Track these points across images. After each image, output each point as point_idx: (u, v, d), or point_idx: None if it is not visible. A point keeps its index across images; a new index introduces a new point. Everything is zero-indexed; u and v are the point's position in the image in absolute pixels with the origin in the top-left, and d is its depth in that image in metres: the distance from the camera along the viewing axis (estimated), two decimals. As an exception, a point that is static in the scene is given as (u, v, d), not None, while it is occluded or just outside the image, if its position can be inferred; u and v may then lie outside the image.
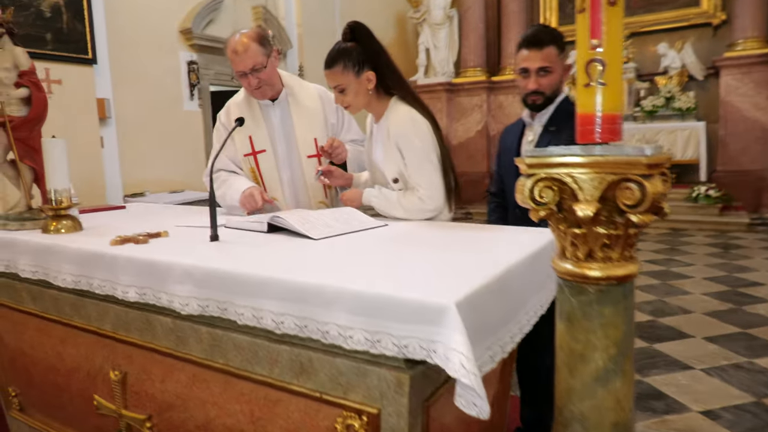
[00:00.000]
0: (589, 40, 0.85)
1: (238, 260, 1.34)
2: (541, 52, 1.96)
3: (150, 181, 6.98)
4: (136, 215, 2.31)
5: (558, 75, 1.98)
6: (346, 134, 2.45)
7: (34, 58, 2.05)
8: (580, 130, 0.89)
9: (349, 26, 1.86)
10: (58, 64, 5.80)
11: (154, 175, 7.01)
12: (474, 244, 1.53)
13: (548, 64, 1.96)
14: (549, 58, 1.96)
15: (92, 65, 6.19)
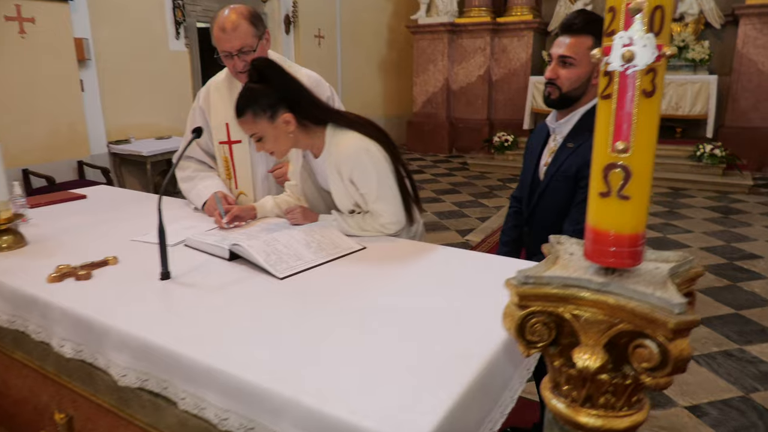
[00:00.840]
0: (611, 138, 0.65)
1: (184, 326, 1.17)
2: (571, 39, 1.67)
3: (135, 126, 6.67)
4: (95, 212, 2.12)
5: (583, 71, 1.69)
6: None
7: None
8: (590, 248, 0.70)
9: (254, 66, 1.61)
10: (30, 0, 5.37)
11: (138, 120, 6.69)
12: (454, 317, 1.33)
13: (572, 54, 1.67)
14: (576, 47, 1.67)
15: (68, 2, 5.75)
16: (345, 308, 1.26)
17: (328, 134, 1.67)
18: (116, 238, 1.41)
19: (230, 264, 1.53)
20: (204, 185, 2.05)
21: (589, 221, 0.71)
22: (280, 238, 1.58)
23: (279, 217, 1.89)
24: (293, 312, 1.25)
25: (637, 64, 0.61)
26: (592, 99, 1.74)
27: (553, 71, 1.72)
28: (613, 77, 0.64)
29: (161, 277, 1.40)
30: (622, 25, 0.62)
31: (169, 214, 2.04)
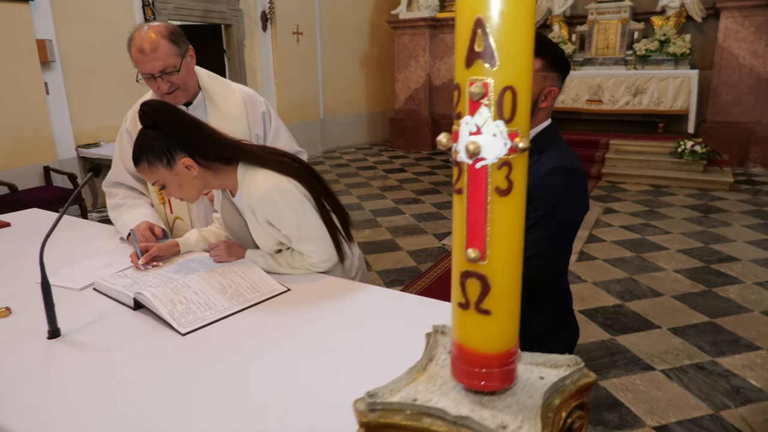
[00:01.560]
0: (464, 245, 0.53)
1: (44, 411, 1.05)
2: None
3: (105, 129, 6.47)
4: (16, 244, 1.98)
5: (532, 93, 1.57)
6: (272, 145, 2.09)
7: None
8: (455, 366, 0.58)
9: (143, 111, 1.45)
10: (-14, 1, 5.17)
11: (109, 123, 6.47)
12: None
13: None
14: None
15: (28, 1, 5.54)
16: (237, 380, 1.14)
17: (240, 174, 1.54)
18: (26, 277, 1.28)
19: (134, 315, 1.40)
20: (130, 215, 1.91)
21: (453, 334, 0.59)
22: (192, 284, 1.45)
23: (205, 251, 1.76)
24: (182, 380, 1.12)
25: (485, 157, 0.49)
26: (543, 121, 1.64)
27: None
28: (462, 170, 0.52)
29: (49, 335, 1.27)
30: (468, 107, 0.50)
31: (91, 247, 1.93)
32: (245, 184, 1.52)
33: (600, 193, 6.74)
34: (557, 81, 1.60)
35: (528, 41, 0.47)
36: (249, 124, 2.00)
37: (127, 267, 1.69)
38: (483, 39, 0.45)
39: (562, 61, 1.60)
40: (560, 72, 1.60)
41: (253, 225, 1.56)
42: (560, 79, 1.61)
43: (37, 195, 5.27)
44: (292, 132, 2.24)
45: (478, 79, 0.47)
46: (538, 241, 1.57)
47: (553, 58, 1.58)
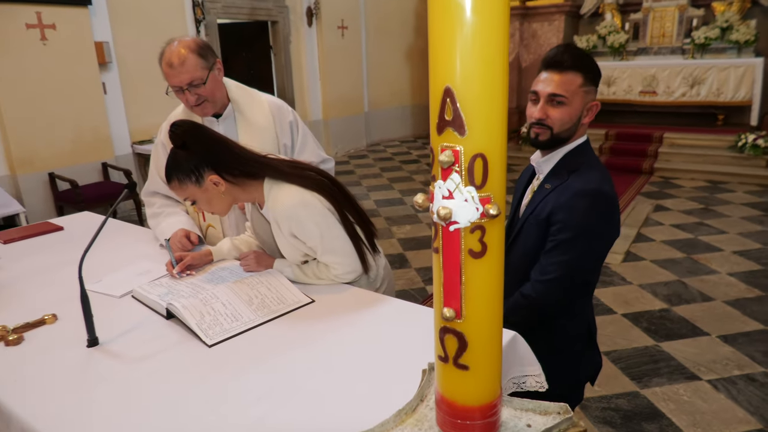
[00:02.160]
0: (441, 303, 0.54)
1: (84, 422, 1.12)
2: (560, 76, 1.51)
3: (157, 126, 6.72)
4: (66, 248, 2.12)
5: (575, 110, 1.52)
6: (299, 156, 2.14)
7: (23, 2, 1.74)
8: (440, 416, 0.59)
9: (172, 131, 1.52)
10: (49, 6, 5.44)
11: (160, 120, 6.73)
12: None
13: (564, 92, 1.51)
14: (567, 85, 1.51)
15: (87, 6, 5.82)
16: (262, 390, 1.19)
17: (266, 188, 1.59)
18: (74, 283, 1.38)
19: (167, 324, 1.48)
20: (167, 223, 2.01)
21: (437, 386, 0.60)
22: (220, 295, 1.51)
23: (237, 259, 1.83)
24: (207, 393, 1.18)
25: (458, 221, 0.50)
26: (579, 137, 1.60)
27: (543, 110, 1.54)
28: (438, 230, 0.53)
29: (88, 344, 1.36)
30: (440, 173, 0.50)
31: (134, 251, 2.04)
32: (271, 199, 1.57)
33: (651, 189, 6.47)
34: (596, 94, 1.57)
35: (500, 109, 0.47)
36: (277, 133, 2.05)
37: (164, 275, 1.77)
38: (452, 108, 0.46)
39: (598, 73, 1.56)
40: (597, 84, 1.57)
41: (279, 237, 1.61)
42: (597, 91, 1.57)
43: (95, 190, 5.57)
44: (337, 127, 2.29)
45: (448, 147, 0.48)
46: (557, 265, 1.52)
47: (591, 71, 1.53)
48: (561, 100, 1.52)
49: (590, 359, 1.73)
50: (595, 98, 1.57)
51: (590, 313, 1.73)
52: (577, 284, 1.57)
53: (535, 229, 1.61)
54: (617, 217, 1.57)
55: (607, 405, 2.81)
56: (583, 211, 1.48)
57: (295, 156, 2.12)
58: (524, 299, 1.60)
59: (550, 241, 1.56)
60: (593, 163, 1.57)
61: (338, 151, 9.14)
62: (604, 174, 1.56)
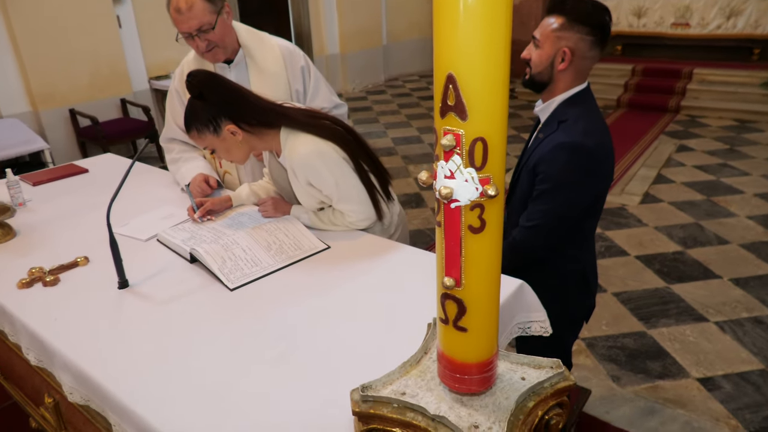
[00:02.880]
0: (443, 273, 0.58)
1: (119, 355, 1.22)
2: (546, 19, 1.54)
3: (174, 60, 6.63)
4: (92, 190, 2.19)
5: (545, 54, 1.52)
6: (312, 102, 2.13)
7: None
8: (440, 370, 0.65)
9: (189, 82, 1.52)
10: (63, -61, 5.31)
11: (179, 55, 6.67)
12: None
13: (538, 35, 1.54)
14: (543, 28, 1.53)
15: (99, -64, 5.64)
16: (280, 332, 1.27)
17: (282, 137, 1.61)
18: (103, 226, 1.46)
19: (191, 267, 1.56)
20: (187, 168, 2.06)
21: (438, 343, 0.65)
22: (240, 241, 1.58)
23: (256, 205, 1.89)
24: (229, 334, 1.27)
25: (458, 199, 0.53)
26: (571, 86, 1.58)
27: (528, 50, 1.59)
28: (441, 206, 0.56)
29: (119, 286, 1.45)
30: (442, 153, 0.53)
31: (157, 195, 2.11)
32: (287, 148, 1.60)
33: (676, 128, 6.31)
34: (581, 42, 1.51)
35: (501, 95, 0.49)
36: (289, 79, 2.05)
37: (186, 220, 1.85)
38: (454, 94, 0.48)
39: (592, 19, 1.50)
40: (590, 33, 1.50)
41: (296, 185, 1.66)
42: (591, 42, 1.51)
43: (115, 127, 5.63)
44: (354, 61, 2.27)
45: (450, 130, 0.50)
46: (540, 213, 1.58)
47: (577, 14, 1.49)
48: (537, 42, 1.55)
49: (582, 300, 1.80)
50: (576, 45, 1.51)
51: (588, 256, 1.78)
52: (561, 231, 1.61)
53: (526, 177, 1.64)
54: (603, 169, 1.59)
55: (614, 344, 2.91)
56: (562, 164, 1.50)
57: (308, 102, 2.13)
58: (514, 242, 1.66)
59: (535, 190, 1.60)
60: (585, 113, 1.56)
61: (355, 87, 8.99)
62: (594, 126, 1.55)
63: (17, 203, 2.00)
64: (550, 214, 1.56)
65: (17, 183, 2.00)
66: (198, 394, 1.08)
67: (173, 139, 2.15)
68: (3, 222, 1.77)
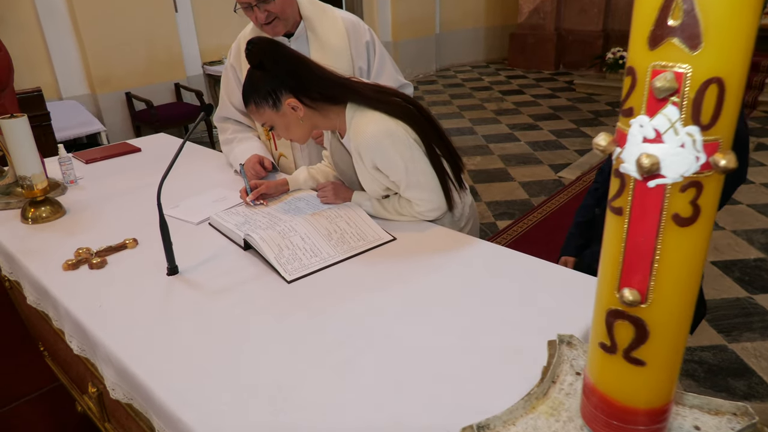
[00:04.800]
0: (618, 277, 0.40)
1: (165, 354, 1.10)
2: None
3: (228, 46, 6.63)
4: (144, 170, 2.10)
5: None
6: (376, 80, 1.97)
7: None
8: (588, 409, 0.48)
9: (249, 50, 1.38)
10: None
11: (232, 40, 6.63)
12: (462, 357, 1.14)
13: None
14: None
15: None
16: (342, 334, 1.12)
17: (348, 114, 1.45)
18: (150, 207, 1.35)
19: (244, 255, 1.42)
20: (241, 149, 1.94)
21: (589, 374, 0.48)
22: (298, 228, 1.43)
23: (314, 190, 1.74)
24: (286, 332, 1.13)
25: (665, 175, 0.35)
26: None
27: None
28: (627, 184, 0.38)
29: (168, 272, 1.33)
30: (645, 104, 0.35)
31: (210, 177, 2.00)
32: (353, 126, 1.44)
33: (753, 125, 5.84)
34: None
35: (753, 12, 0.31)
36: (352, 55, 1.89)
37: (239, 203, 1.72)
38: (683, 7, 0.30)
39: None
40: None
41: (360, 169, 1.50)
42: None
43: (169, 111, 5.65)
44: (406, 49, 2.10)
45: (667, 67, 0.32)
46: None
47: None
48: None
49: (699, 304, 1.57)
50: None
51: None
52: None
53: None
54: (744, 160, 1.35)
55: (690, 357, 2.64)
56: None
57: (372, 80, 1.96)
58: None
59: None
60: None
61: (406, 76, 8.80)
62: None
63: (69, 180, 1.93)
64: None
65: (69, 160, 1.92)
66: (251, 403, 0.94)
67: (227, 118, 2.03)
68: (53, 199, 1.70)
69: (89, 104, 5.53)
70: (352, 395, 0.94)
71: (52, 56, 5.29)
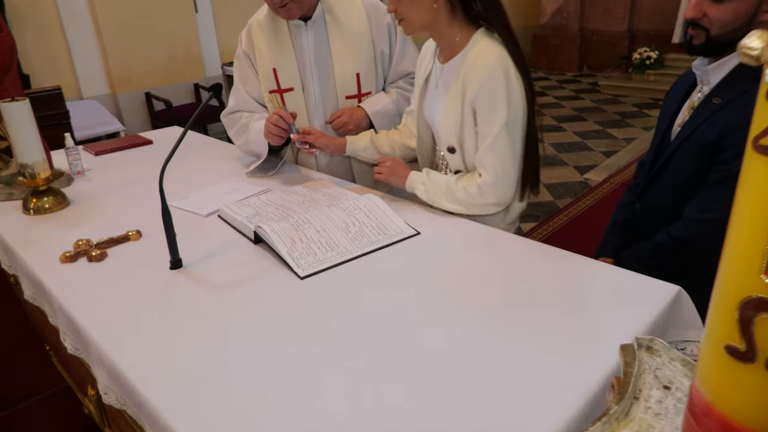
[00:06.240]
0: (763, 260, 0.27)
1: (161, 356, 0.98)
2: None
3: (247, 47, 6.64)
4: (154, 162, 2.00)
5: (744, 6, 1.17)
6: (398, 65, 1.84)
7: None
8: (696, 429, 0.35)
9: None
10: (146, -77, 5.34)
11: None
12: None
13: None
14: None
15: None
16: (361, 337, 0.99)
17: (476, 38, 1.32)
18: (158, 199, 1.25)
19: (254, 249, 1.31)
20: (258, 124, 1.78)
21: (700, 388, 0.35)
22: (313, 220, 1.31)
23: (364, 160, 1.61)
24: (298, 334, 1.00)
25: None
26: None
27: (697, 7, 1.22)
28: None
29: (171, 266, 1.22)
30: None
31: (221, 168, 1.89)
32: (475, 49, 1.30)
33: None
34: None
35: None
36: (373, 38, 1.77)
37: (252, 194, 1.61)
38: None
39: None
40: None
41: (453, 97, 1.35)
42: None
43: (188, 111, 5.61)
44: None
45: None
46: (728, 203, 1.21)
47: None
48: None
49: None
50: None
51: None
52: None
53: (694, 156, 1.30)
54: None
55: None
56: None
57: (393, 65, 1.84)
58: (673, 241, 1.35)
59: (717, 171, 1.25)
60: None
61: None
62: None
63: (75, 171, 1.84)
64: None
65: (76, 150, 1.84)
66: (259, 414, 0.81)
67: (238, 111, 1.91)
68: (56, 189, 1.61)
69: (109, 104, 5.52)
70: (370, 407, 0.82)
71: (74, 56, 5.30)
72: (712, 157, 1.27)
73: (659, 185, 1.43)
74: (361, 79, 1.79)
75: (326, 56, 1.78)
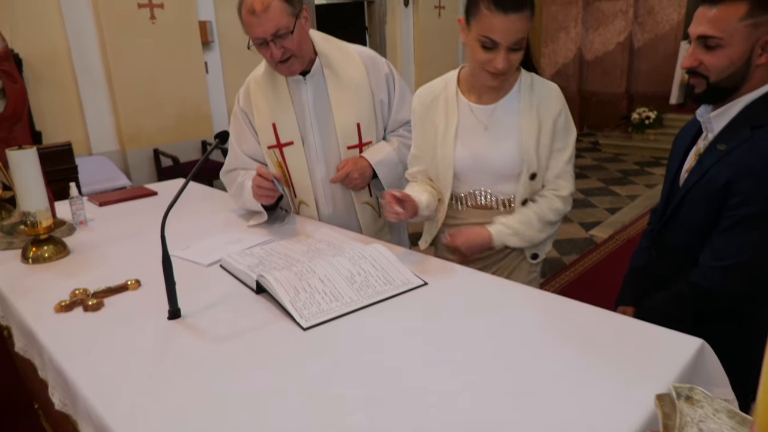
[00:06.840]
0: None
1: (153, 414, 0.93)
2: (715, 10, 1.19)
3: (255, 105, 6.82)
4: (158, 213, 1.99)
5: (737, 51, 1.18)
6: (397, 114, 1.86)
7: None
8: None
9: None
10: (158, -15, 5.61)
11: (258, 100, 6.80)
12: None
13: (717, 32, 1.18)
14: (722, 22, 1.18)
15: (193, -15, 5.94)
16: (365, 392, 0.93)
17: (523, 74, 1.49)
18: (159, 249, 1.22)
19: (257, 299, 1.27)
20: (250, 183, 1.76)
21: None
22: (318, 270, 1.28)
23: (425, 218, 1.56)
24: (300, 387, 0.95)
25: None
26: (762, 83, 1.22)
27: (693, 56, 1.24)
28: None
29: (169, 315, 1.18)
30: None
31: (224, 219, 1.88)
32: (535, 82, 1.48)
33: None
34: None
35: None
36: (372, 88, 1.80)
37: (255, 244, 1.58)
38: None
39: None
40: None
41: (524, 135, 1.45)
42: None
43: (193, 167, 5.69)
44: None
45: None
46: (739, 248, 1.22)
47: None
48: (715, 42, 1.20)
49: None
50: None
51: None
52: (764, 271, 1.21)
53: (704, 201, 1.29)
54: None
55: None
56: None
57: (393, 113, 1.86)
58: (691, 290, 1.31)
59: (727, 218, 1.24)
60: None
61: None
62: None
63: (78, 221, 1.83)
64: (755, 248, 1.17)
65: (80, 200, 1.83)
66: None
67: (236, 169, 1.91)
68: (57, 238, 1.58)
69: (118, 160, 5.60)
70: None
71: (86, 113, 5.43)
72: (722, 202, 1.26)
73: (673, 230, 1.41)
74: (362, 128, 1.80)
75: (326, 108, 1.80)
